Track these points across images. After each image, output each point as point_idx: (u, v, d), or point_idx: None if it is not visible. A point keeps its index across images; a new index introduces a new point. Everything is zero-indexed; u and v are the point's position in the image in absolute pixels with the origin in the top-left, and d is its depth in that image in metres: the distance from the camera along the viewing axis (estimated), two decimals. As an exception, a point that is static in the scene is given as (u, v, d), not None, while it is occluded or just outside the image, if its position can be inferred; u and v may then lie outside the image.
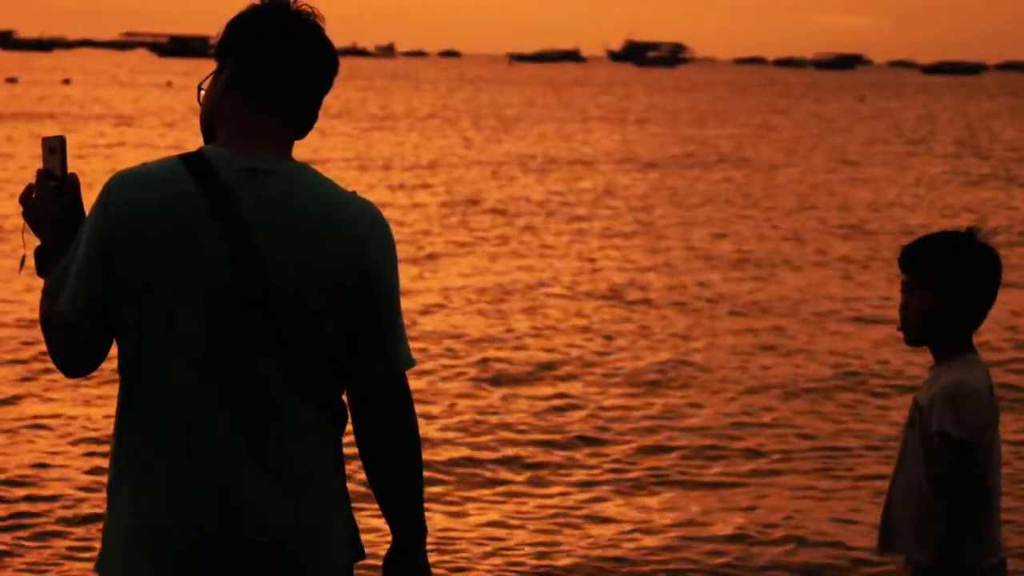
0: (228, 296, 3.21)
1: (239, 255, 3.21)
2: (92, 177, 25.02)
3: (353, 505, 3.43)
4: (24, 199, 3.41)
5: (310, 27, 3.37)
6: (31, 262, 3.43)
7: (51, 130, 39.76)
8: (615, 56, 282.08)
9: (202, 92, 3.46)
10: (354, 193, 3.35)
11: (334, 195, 3.31)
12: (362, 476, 3.67)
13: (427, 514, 7.77)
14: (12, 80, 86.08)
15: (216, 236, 3.22)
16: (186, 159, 3.27)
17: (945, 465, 4.14)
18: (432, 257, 19.25)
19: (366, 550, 3.46)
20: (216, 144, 3.35)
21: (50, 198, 3.39)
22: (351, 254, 3.27)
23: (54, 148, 3.41)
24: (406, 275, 17.04)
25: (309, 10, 3.39)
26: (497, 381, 12.28)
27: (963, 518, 4.15)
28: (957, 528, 4.15)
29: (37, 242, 3.45)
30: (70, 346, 3.30)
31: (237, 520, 3.22)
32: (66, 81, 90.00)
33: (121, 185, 3.26)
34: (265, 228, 3.24)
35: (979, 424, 4.16)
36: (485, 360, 12.97)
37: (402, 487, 3.38)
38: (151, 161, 3.33)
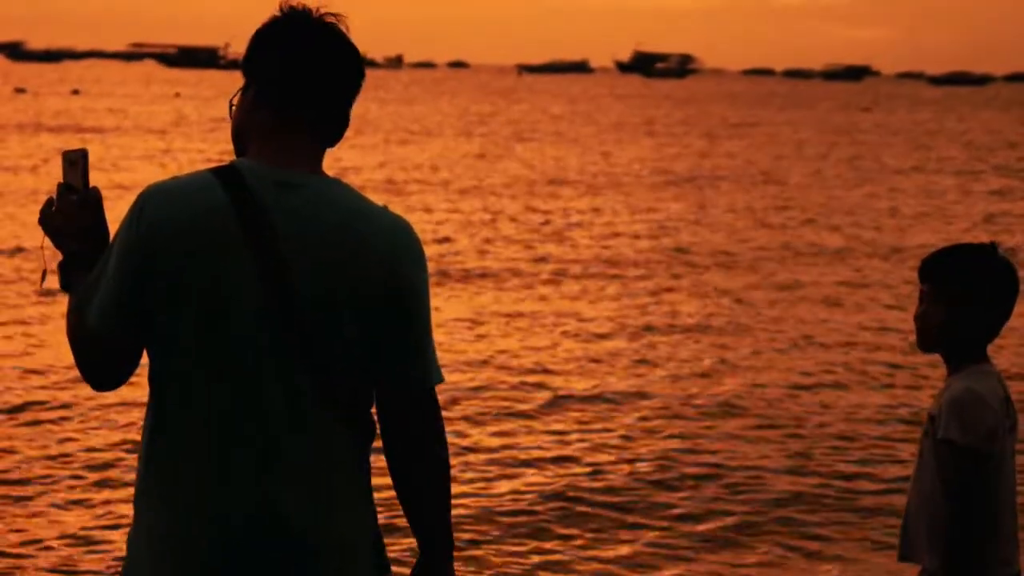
0: (258, 309, 3.22)
1: (269, 268, 3.22)
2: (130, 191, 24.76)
3: (381, 518, 3.30)
4: (45, 213, 3.42)
5: (332, 34, 3.36)
6: (52, 277, 3.38)
7: (74, 143, 39.63)
8: (623, 67, 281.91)
9: (233, 107, 3.46)
10: (385, 207, 3.35)
11: (364, 209, 3.31)
12: (390, 488, 3.54)
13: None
14: (21, 91, 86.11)
15: (246, 249, 3.22)
16: (218, 172, 3.28)
17: (952, 472, 4.20)
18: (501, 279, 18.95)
19: (393, 563, 3.34)
20: (248, 158, 3.35)
21: (72, 211, 3.40)
22: (381, 267, 3.27)
23: (75, 161, 3.42)
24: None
25: (332, 17, 3.38)
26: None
27: (969, 527, 4.20)
28: (963, 537, 4.20)
29: (56, 257, 3.41)
30: (100, 360, 3.30)
31: (264, 531, 3.23)
32: (75, 92, 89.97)
33: (152, 199, 3.26)
34: (295, 241, 3.24)
35: (985, 432, 4.20)
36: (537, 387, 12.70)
37: (431, 501, 3.40)
38: (182, 175, 3.33)
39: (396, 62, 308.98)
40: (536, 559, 8.20)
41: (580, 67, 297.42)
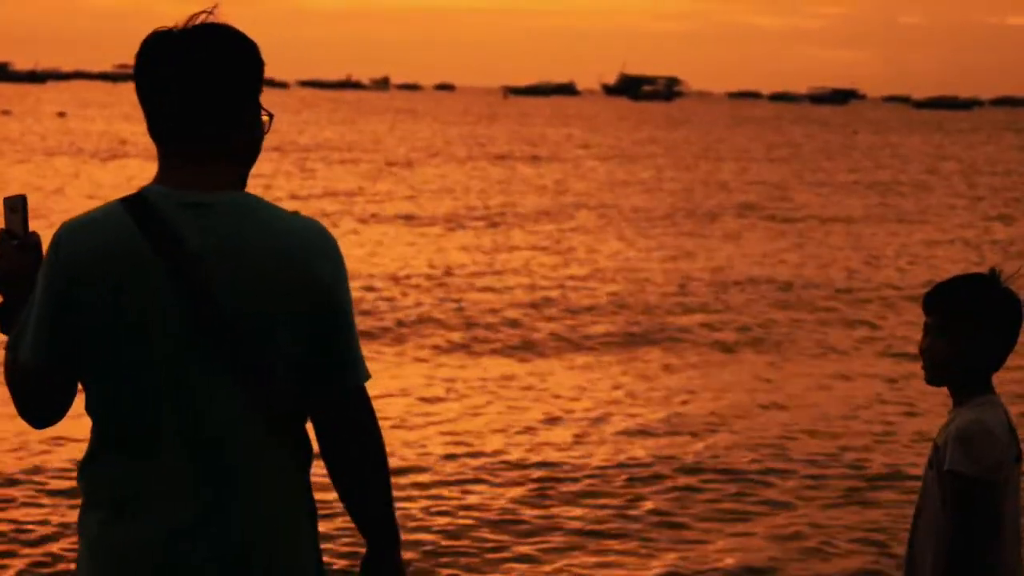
0: (182, 328, 3.25)
1: (186, 288, 3.24)
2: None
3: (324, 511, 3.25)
4: None
5: (176, 52, 3.31)
6: None
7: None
8: (610, 90, 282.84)
9: None
10: (297, 213, 3.36)
11: (277, 217, 3.31)
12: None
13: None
14: (6, 112, 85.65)
15: (163, 273, 3.25)
16: (126, 201, 3.30)
17: (957, 503, 4.19)
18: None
19: (346, 550, 3.22)
20: (155, 182, 3.35)
21: (13, 256, 3.45)
22: (298, 274, 3.28)
23: (15, 207, 3.46)
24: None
25: (203, 17, 3.33)
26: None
27: (973, 558, 4.19)
28: (967, 568, 4.19)
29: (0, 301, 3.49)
30: (35, 396, 3.34)
31: (207, 550, 3.26)
32: (61, 114, 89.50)
33: (68, 233, 3.30)
34: (211, 259, 3.25)
35: (992, 464, 4.20)
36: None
37: (374, 494, 3.42)
38: (95, 208, 3.35)
39: (383, 84, 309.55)
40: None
41: (567, 89, 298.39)
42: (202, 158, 3.32)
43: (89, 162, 44.88)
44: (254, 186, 36.59)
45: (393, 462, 10.65)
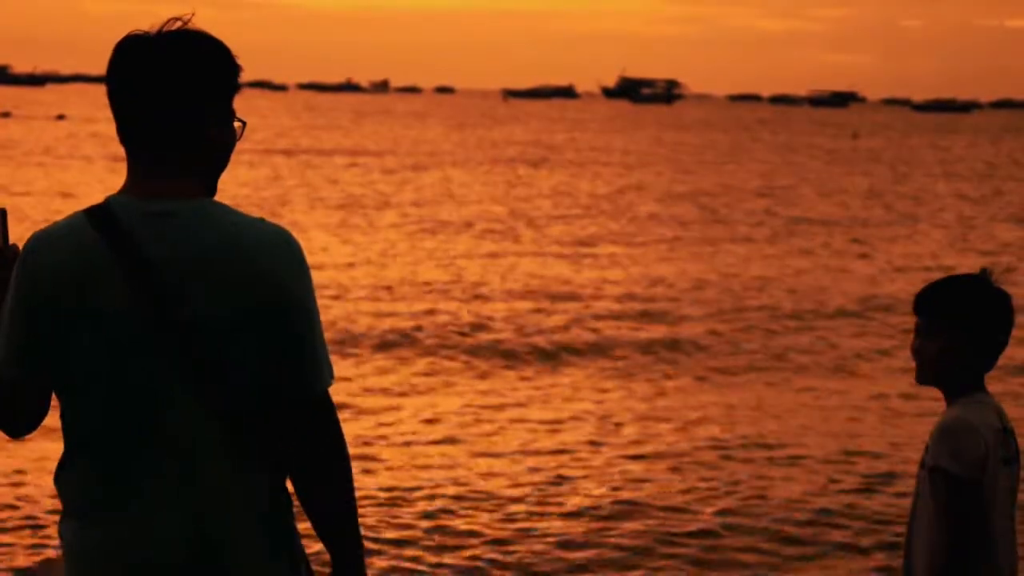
0: (141, 337, 3.26)
1: (146, 296, 3.25)
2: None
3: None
4: None
5: (155, 50, 3.30)
6: None
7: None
8: (609, 92, 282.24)
9: None
10: (262, 219, 3.36)
11: (240, 224, 3.31)
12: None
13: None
14: (6, 115, 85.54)
15: (123, 282, 3.26)
16: (89, 212, 3.32)
17: (944, 499, 4.19)
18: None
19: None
20: (120, 191, 3.37)
21: None
22: (262, 278, 3.28)
23: None
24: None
25: (174, 23, 3.32)
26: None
27: (963, 556, 4.18)
28: (957, 565, 4.19)
29: None
30: (8, 407, 3.37)
31: (163, 553, 3.28)
32: (60, 117, 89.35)
33: (32, 246, 3.33)
34: (171, 267, 3.26)
35: (975, 461, 4.19)
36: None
37: (338, 503, 3.40)
38: (60, 219, 3.38)
39: (382, 87, 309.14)
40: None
41: (566, 92, 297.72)
42: (169, 165, 3.32)
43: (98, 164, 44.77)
44: (267, 190, 36.52)
45: (393, 477, 10.56)
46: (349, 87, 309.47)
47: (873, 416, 13.00)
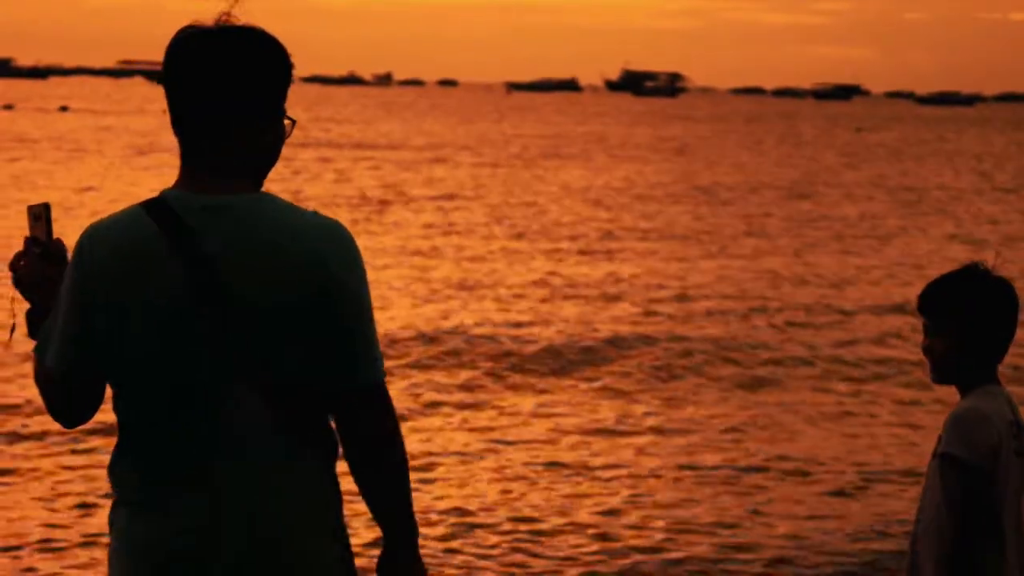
0: (196, 329, 3.29)
1: (202, 288, 3.27)
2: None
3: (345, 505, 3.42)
4: (13, 266, 3.51)
5: (202, 55, 3.31)
6: (22, 328, 3.52)
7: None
8: (612, 86, 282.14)
9: None
10: (315, 212, 3.38)
11: (293, 217, 3.34)
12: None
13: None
14: (9, 107, 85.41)
15: (180, 273, 3.28)
16: (147, 204, 3.35)
17: (954, 487, 4.19)
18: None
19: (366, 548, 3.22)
20: (175, 186, 3.39)
21: (36, 263, 3.50)
22: (315, 270, 3.30)
23: (39, 215, 3.52)
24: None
25: (224, 17, 3.32)
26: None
27: (972, 545, 4.16)
28: (965, 553, 4.17)
29: (27, 307, 3.51)
30: (63, 397, 3.42)
31: (214, 547, 3.30)
32: (63, 108, 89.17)
33: (90, 238, 3.35)
34: (227, 260, 3.29)
35: (987, 450, 4.19)
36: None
37: (393, 491, 3.44)
38: (117, 212, 3.40)
39: (386, 79, 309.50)
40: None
41: (569, 85, 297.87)
42: (224, 159, 3.35)
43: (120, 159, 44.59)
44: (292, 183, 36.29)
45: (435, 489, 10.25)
46: (352, 80, 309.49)
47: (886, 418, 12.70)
